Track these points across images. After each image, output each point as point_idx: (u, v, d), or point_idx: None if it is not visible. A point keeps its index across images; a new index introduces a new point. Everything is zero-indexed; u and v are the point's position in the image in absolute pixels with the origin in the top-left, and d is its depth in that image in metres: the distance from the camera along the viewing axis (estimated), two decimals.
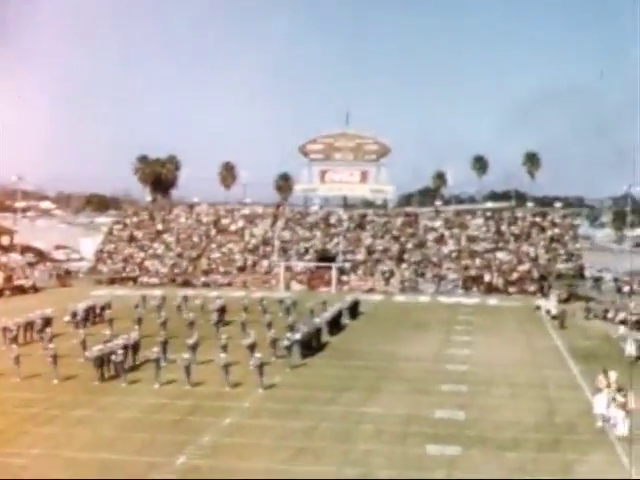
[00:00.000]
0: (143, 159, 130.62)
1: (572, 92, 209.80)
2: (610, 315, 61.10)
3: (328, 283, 79.95)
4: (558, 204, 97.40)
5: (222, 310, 57.29)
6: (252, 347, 42.10)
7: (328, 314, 54.71)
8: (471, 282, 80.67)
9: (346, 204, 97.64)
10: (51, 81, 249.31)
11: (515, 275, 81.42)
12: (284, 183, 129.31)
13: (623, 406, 31.91)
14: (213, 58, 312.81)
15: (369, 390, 37.87)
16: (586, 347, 49.91)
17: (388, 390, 37.97)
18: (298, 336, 45.01)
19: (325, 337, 50.58)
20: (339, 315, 56.40)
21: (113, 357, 39.47)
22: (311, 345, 46.70)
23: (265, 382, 37.86)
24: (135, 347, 42.89)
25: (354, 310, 60.76)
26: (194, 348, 42.09)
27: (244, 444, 29.66)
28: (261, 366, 37.95)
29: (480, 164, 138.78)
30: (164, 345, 42.74)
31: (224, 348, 41.86)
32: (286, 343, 43.93)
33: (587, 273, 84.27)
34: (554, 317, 60.85)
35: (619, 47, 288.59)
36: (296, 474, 26.54)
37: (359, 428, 31.80)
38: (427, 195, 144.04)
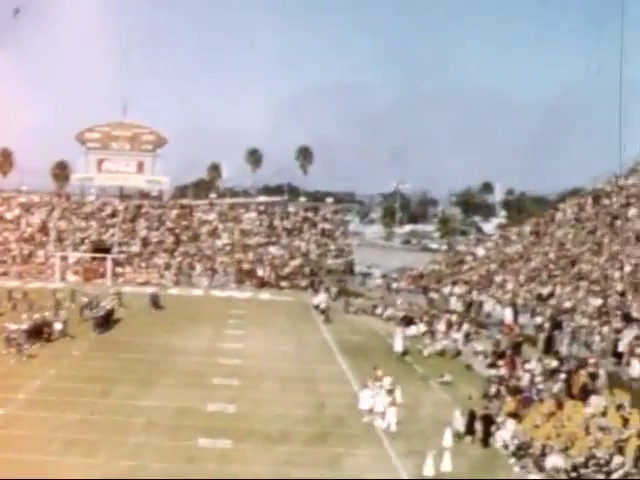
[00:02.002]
0: None
1: (346, 88, 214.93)
2: (378, 311, 63.51)
3: (103, 275, 78.84)
4: (329, 199, 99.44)
5: None
6: None
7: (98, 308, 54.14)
8: (244, 276, 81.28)
9: (122, 194, 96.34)
10: None
11: (287, 270, 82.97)
12: (61, 171, 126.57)
13: (390, 402, 33.57)
14: None
15: (142, 383, 38.10)
16: (355, 342, 52.05)
17: (161, 383, 38.39)
18: (25, 326, 45.04)
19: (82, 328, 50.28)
20: (112, 309, 55.76)
21: None
22: (40, 334, 46.23)
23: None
24: None
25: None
26: None
27: (17, 436, 29.37)
28: None
29: (254, 157, 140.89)
30: None
31: None
32: (13, 335, 44.03)
33: (357, 269, 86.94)
34: (322, 312, 62.71)
35: (396, 46, 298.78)
36: (68, 466, 26.57)
37: (131, 421, 32.12)
38: (202, 187, 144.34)
